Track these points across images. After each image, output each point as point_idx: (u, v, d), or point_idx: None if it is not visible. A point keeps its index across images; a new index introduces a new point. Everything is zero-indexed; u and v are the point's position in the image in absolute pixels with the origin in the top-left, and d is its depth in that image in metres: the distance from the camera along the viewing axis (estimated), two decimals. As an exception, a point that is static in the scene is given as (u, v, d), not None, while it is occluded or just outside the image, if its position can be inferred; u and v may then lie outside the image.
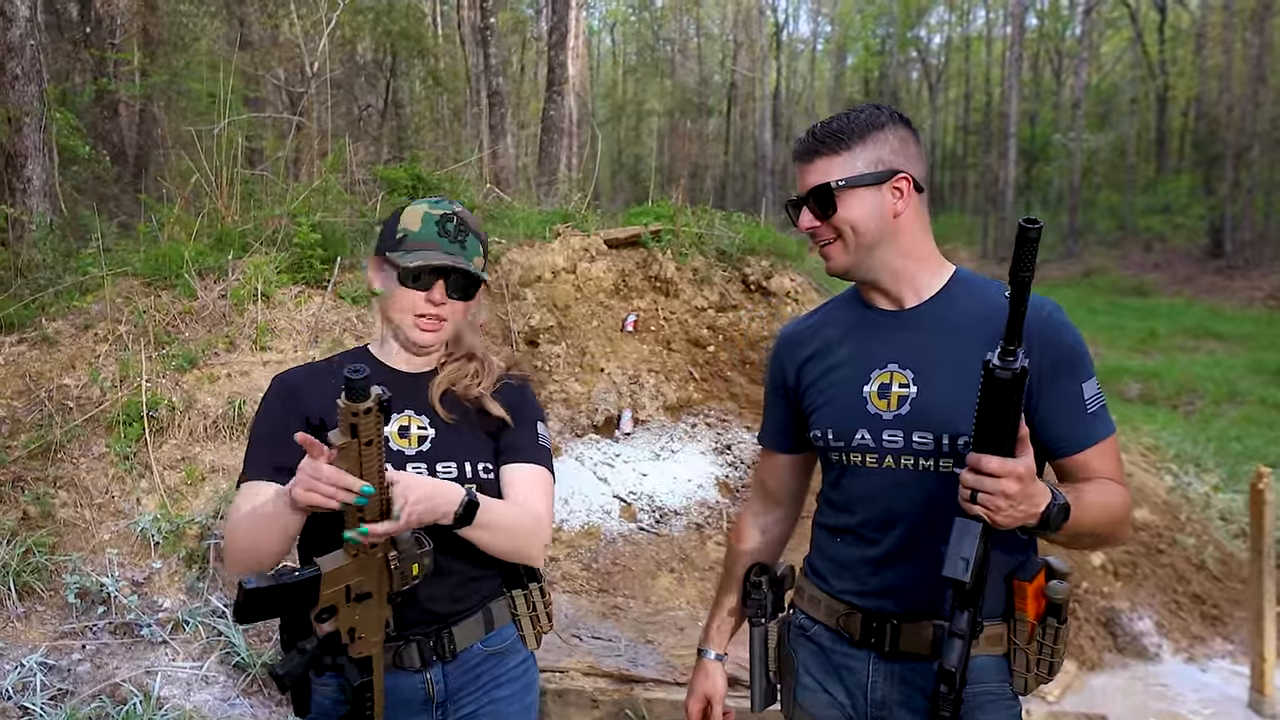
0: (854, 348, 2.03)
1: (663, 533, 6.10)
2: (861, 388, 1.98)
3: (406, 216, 2.07)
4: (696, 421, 7.21)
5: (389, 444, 2.00)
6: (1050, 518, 1.67)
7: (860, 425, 1.97)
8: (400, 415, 2.08)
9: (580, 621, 5.22)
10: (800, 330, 2.18)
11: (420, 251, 2.00)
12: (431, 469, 2.05)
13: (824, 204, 1.91)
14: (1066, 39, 43.69)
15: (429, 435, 2.08)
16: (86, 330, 6.17)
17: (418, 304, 2.02)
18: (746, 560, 2.32)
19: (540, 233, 7.86)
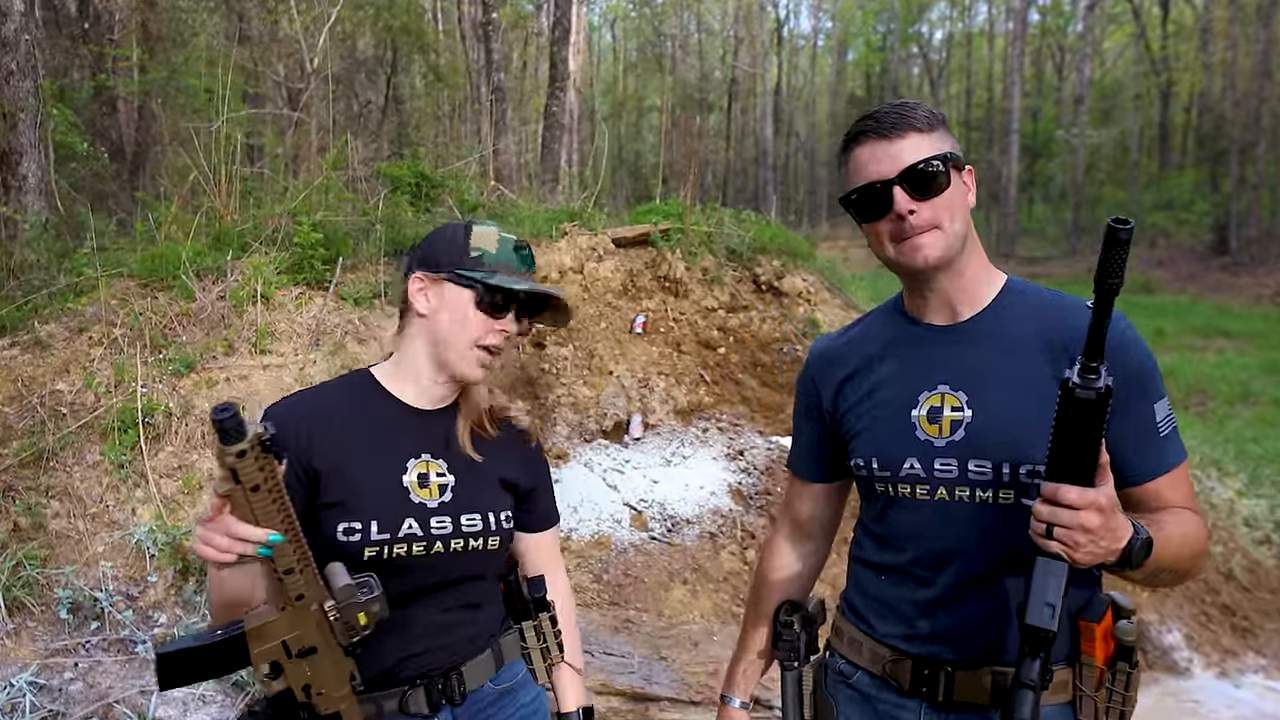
0: (898, 366, 1.85)
1: (675, 542, 5.92)
2: (909, 412, 1.79)
3: (479, 237, 1.86)
4: (708, 426, 7.03)
5: (409, 496, 1.84)
6: (1132, 553, 1.49)
7: (909, 453, 1.78)
8: (418, 461, 1.88)
9: (592, 637, 5.04)
10: (837, 346, 1.99)
11: (509, 276, 1.82)
12: (456, 522, 1.87)
13: (924, 183, 1.69)
14: (1069, 34, 43.54)
15: (449, 483, 1.89)
16: (80, 333, 5.98)
17: (488, 331, 1.83)
18: (776, 597, 2.13)
19: (546, 232, 7.67)
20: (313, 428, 1.83)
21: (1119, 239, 1.25)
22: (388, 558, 1.80)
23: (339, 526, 1.79)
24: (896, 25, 47.49)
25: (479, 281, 1.81)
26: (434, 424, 1.92)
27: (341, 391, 1.95)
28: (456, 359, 1.84)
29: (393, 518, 1.81)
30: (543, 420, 6.79)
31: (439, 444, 1.91)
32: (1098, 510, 1.41)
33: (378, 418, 1.89)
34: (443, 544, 1.85)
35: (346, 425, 1.86)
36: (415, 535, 1.82)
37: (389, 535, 1.80)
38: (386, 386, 1.93)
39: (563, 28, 17.42)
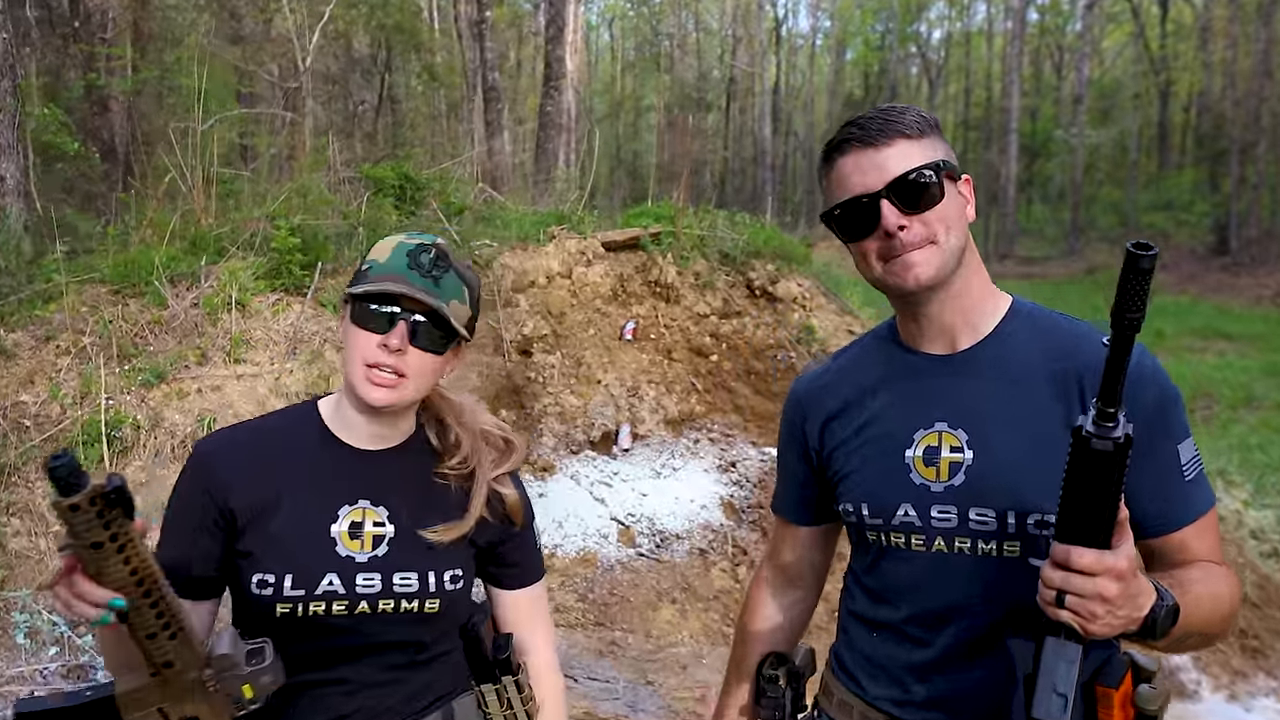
0: (891, 401, 1.65)
1: (664, 559, 5.71)
2: (903, 452, 1.59)
3: (377, 247, 1.64)
4: (699, 436, 6.81)
5: (336, 548, 1.62)
6: (1156, 622, 1.29)
7: (902, 499, 1.58)
8: (353, 508, 1.66)
9: (575, 660, 4.84)
10: (823, 377, 1.79)
11: (381, 282, 1.57)
12: (387, 581, 1.64)
13: (914, 194, 1.50)
14: (1067, 34, 43.37)
15: (386, 534, 1.66)
16: (48, 341, 5.77)
17: (369, 349, 1.57)
18: (760, 648, 1.92)
19: (534, 235, 7.46)
20: (236, 466, 1.63)
21: (1140, 268, 1.07)
22: (303, 616, 1.60)
23: (252, 578, 1.60)
24: (895, 24, 47.28)
25: (349, 295, 1.61)
26: (379, 466, 1.70)
27: (280, 426, 1.74)
28: (354, 383, 1.61)
29: (311, 572, 1.60)
30: (528, 431, 6.58)
31: (382, 488, 1.68)
32: (1116, 576, 1.21)
33: (314, 457, 1.68)
34: (368, 604, 1.63)
35: (277, 465, 1.66)
36: (335, 593, 1.61)
37: (304, 591, 1.59)
38: (328, 423, 1.71)
39: (557, 26, 17.26)
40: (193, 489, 1.63)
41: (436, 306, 1.56)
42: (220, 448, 1.67)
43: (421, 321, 1.58)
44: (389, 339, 1.56)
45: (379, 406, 1.60)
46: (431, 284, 1.58)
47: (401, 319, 1.56)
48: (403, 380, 1.58)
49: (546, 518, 5.94)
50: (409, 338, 1.56)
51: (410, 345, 1.57)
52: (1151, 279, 1.07)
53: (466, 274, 1.67)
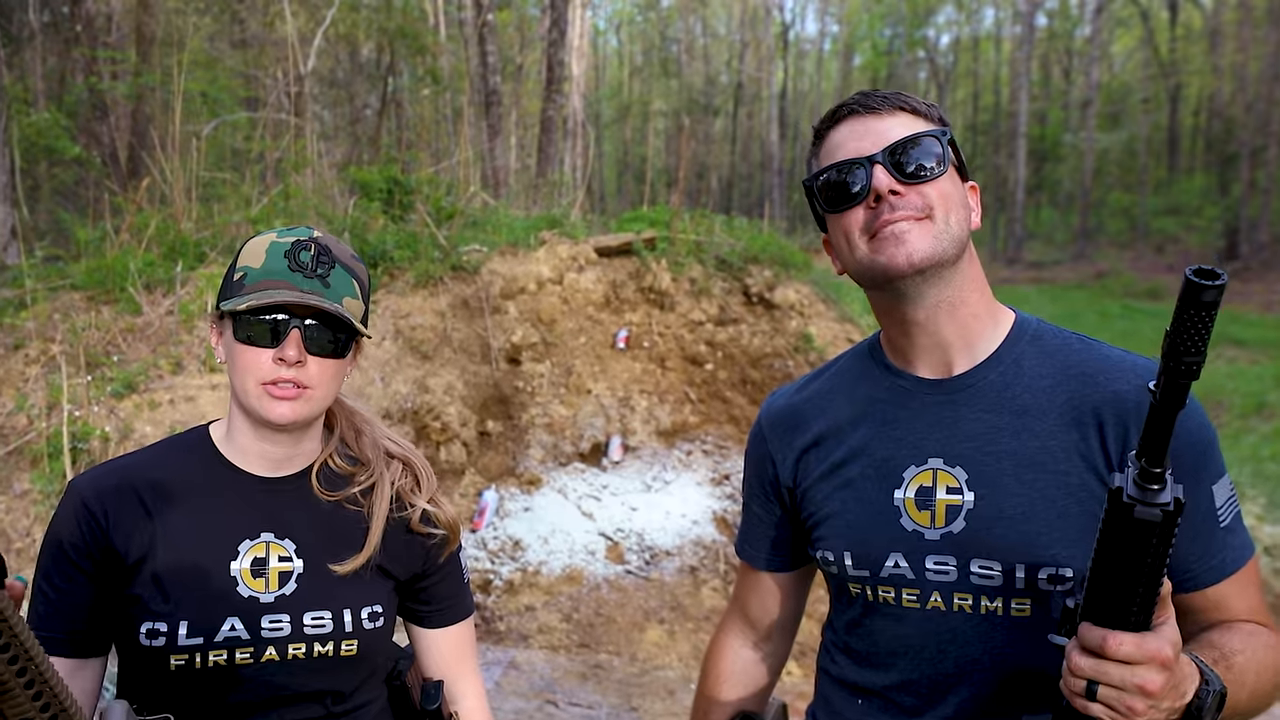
0: (877, 432, 1.40)
1: (653, 576, 5.49)
2: (891, 493, 1.35)
3: (247, 251, 1.43)
4: (692, 448, 6.59)
5: (237, 588, 1.41)
6: (1202, 711, 1.06)
7: (892, 548, 1.35)
8: (255, 542, 1.45)
9: (557, 684, 4.62)
10: (797, 403, 1.53)
11: (260, 292, 1.37)
12: (297, 622, 1.44)
13: (915, 163, 1.30)
14: (1076, 38, 43.11)
15: (295, 570, 1.46)
16: (16, 350, 5.59)
17: (265, 367, 1.37)
18: (726, 709, 1.67)
19: (525, 239, 7.26)
20: (119, 502, 1.42)
21: (1203, 301, 0.81)
22: (202, 667, 1.39)
23: (142, 627, 1.38)
24: (903, 29, 47.09)
25: (226, 311, 1.39)
26: (282, 494, 1.49)
27: (168, 456, 1.51)
28: (254, 404, 1.40)
29: (210, 616, 1.40)
30: (516, 442, 6.37)
31: (286, 519, 1.48)
32: (1161, 665, 1.00)
33: (208, 488, 1.47)
34: (276, 650, 1.43)
35: (167, 498, 1.44)
36: (239, 639, 1.40)
37: (202, 639, 1.38)
38: (221, 449, 1.50)
39: (559, 29, 17.08)
40: (71, 530, 1.41)
41: (331, 309, 1.37)
42: (101, 483, 1.45)
43: (315, 326, 1.39)
44: (284, 351, 1.37)
45: (285, 423, 1.41)
46: (319, 284, 1.40)
47: (294, 327, 1.37)
48: (306, 391, 1.40)
49: (532, 533, 5.74)
50: (304, 346, 1.38)
51: (307, 354, 1.39)
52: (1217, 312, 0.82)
53: (353, 265, 1.47)
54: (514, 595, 5.26)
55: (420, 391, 6.18)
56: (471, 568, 5.44)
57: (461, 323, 6.69)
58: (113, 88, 12.55)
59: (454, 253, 6.90)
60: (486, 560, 5.50)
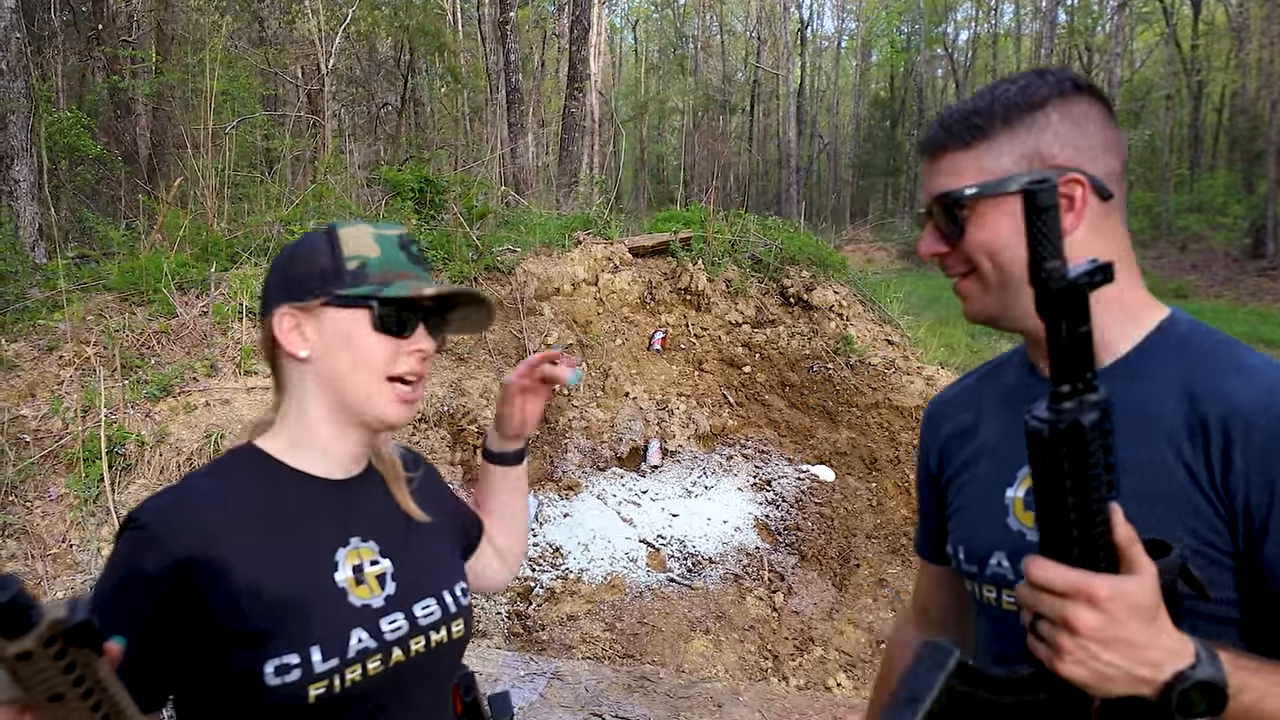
0: (1003, 429, 1.37)
1: (696, 585, 5.38)
2: (1003, 491, 1.31)
3: (352, 241, 1.35)
4: (732, 452, 6.47)
5: (348, 599, 1.32)
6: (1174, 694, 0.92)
7: (996, 545, 1.30)
8: (348, 550, 1.36)
9: (603, 696, 4.51)
10: (952, 396, 1.55)
11: (402, 282, 1.31)
12: (412, 619, 1.37)
13: (949, 221, 1.28)
14: (1097, 34, 42.80)
15: (387, 570, 1.38)
16: (50, 352, 5.51)
17: (399, 358, 1.33)
18: None
19: (559, 240, 7.15)
20: (198, 531, 1.27)
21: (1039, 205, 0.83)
22: (341, 690, 1.28)
23: (267, 667, 1.24)
24: (921, 26, 46.83)
25: (371, 297, 1.31)
26: (352, 495, 1.42)
27: (231, 480, 1.37)
28: (368, 401, 1.34)
29: (337, 635, 1.29)
30: (553, 447, 6.27)
31: (363, 520, 1.41)
32: (1089, 602, 0.90)
33: (286, 501, 1.36)
34: (401, 649, 1.35)
35: (247, 519, 1.31)
36: (368, 649, 1.31)
37: (338, 660, 1.28)
38: (286, 460, 1.38)
39: (581, 27, 16.97)
40: (146, 567, 1.25)
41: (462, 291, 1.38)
42: (173, 511, 1.30)
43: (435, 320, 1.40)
44: (421, 343, 1.35)
45: (400, 424, 1.38)
46: (429, 274, 1.41)
47: (422, 320, 1.37)
48: (420, 388, 1.39)
49: (572, 539, 5.63)
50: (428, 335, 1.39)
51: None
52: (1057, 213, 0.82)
53: None
54: (555, 604, 5.16)
55: (456, 394, 6.08)
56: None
57: (496, 324, 6.59)
58: (134, 87, 12.51)
59: (488, 253, 6.79)
60: (527, 567, 5.40)
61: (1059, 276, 0.82)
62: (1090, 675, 0.93)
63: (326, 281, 1.33)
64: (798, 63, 47.45)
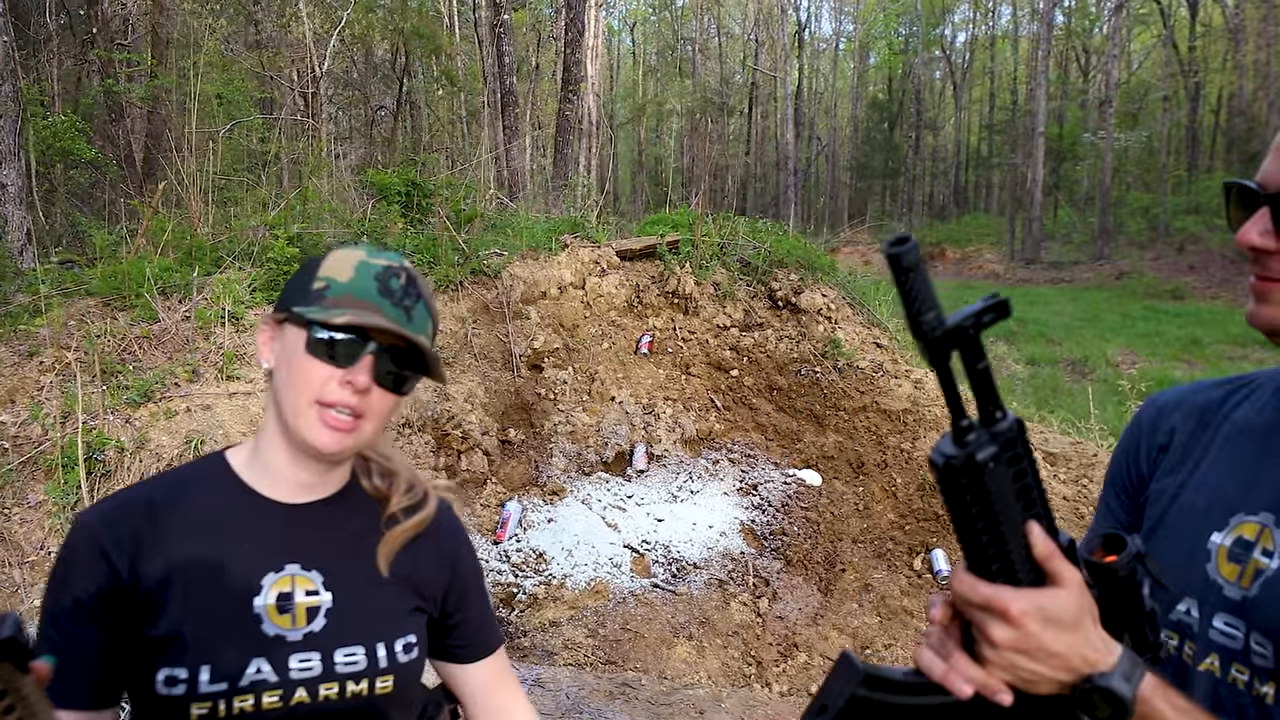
0: (1231, 463, 1.23)
1: (680, 591, 5.34)
2: (1209, 534, 1.20)
3: (333, 264, 1.34)
4: (719, 457, 6.44)
5: (261, 626, 1.30)
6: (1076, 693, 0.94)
7: (1187, 589, 1.20)
8: (280, 575, 1.33)
9: (584, 703, 4.48)
10: (1188, 402, 1.35)
11: (347, 309, 1.28)
12: (328, 661, 1.33)
13: None
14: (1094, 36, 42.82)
15: (324, 605, 1.35)
16: (31, 358, 5.47)
17: (327, 386, 1.29)
18: None
19: (546, 243, 7.12)
20: (131, 538, 1.29)
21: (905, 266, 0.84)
22: (226, 715, 1.27)
23: (159, 675, 1.26)
24: (919, 28, 46.86)
25: (310, 319, 1.28)
26: (308, 522, 1.38)
27: (183, 485, 1.39)
28: (295, 421, 1.30)
29: (232, 659, 1.28)
30: (539, 451, 6.23)
31: (313, 549, 1.37)
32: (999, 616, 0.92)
33: (228, 518, 1.35)
34: (307, 691, 1.31)
35: (183, 531, 1.32)
36: (265, 681, 1.29)
37: (226, 685, 1.27)
38: (241, 475, 1.38)
39: (576, 29, 16.97)
40: (80, 571, 1.29)
41: (418, 342, 1.31)
42: (111, 517, 1.32)
43: (388, 357, 1.32)
44: (354, 375, 1.29)
45: (329, 454, 1.32)
46: (403, 315, 1.33)
47: (370, 353, 1.30)
48: (359, 423, 1.32)
49: (556, 545, 5.60)
50: (373, 375, 1.30)
51: (374, 383, 1.31)
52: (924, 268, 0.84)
53: (432, 302, 1.40)
54: (538, 610, 5.12)
55: (440, 399, 6.05)
56: (494, 581, 5.31)
57: (482, 328, 6.55)
58: (129, 90, 12.49)
59: (474, 257, 6.76)
60: (510, 574, 5.37)
61: (935, 326, 0.82)
62: (1014, 680, 0.94)
63: (293, 298, 1.32)
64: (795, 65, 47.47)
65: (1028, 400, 10.88)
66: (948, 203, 48.82)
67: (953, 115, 50.31)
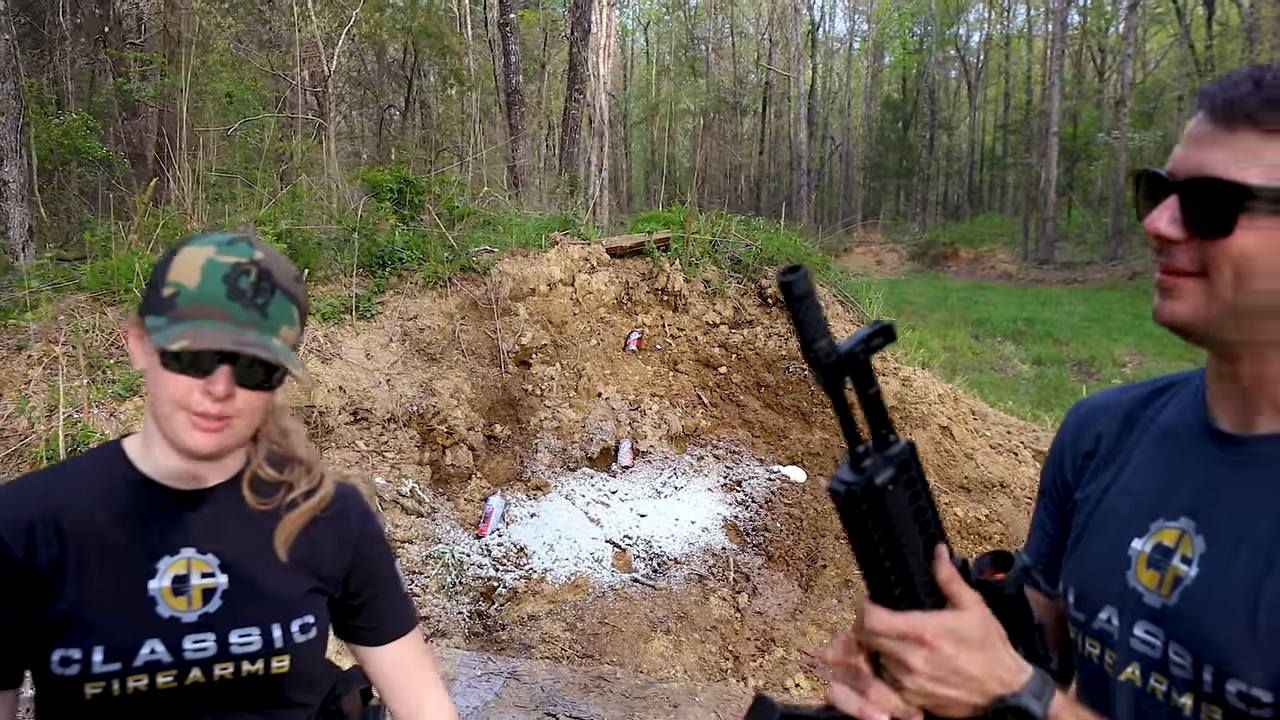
0: (1153, 467, 1.23)
1: (660, 585, 5.36)
2: (1130, 540, 1.18)
3: (180, 264, 1.31)
4: (704, 453, 6.45)
5: (156, 608, 1.33)
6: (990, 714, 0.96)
7: (1109, 598, 1.19)
8: (175, 559, 1.36)
9: (558, 696, 4.51)
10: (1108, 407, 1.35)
11: (192, 322, 1.27)
12: (223, 641, 1.36)
13: (1210, 211, 1.04)
14: (1110, 35, 42.59)
15: (219, 586, 1.38)
16: (19, 352, 5.53)
17: (192, 396, 1.29)
18: None
19: (536, 240, 7.14)
20: (25, 524, 1.32)
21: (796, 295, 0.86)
22: (120, 694, 1.30)
23: (53, 656, 1.29)
24: (933, 27, 46.68)
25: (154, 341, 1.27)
26: (204, 507, 1.41)
27: (79, 474, 1.42)
28: (167, 425, 1.31)
29: (126, 640, 1.31)
30: (524, 447, 6.26)
31: (208, 533, 1.40)
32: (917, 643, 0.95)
33: (123, 505, 1.38)
34: (201, 671, 1.35)
35: (78, 518, 1.35)
36: (159, 662, 1.32)
37: (119, 665, 1.30)
38: (136, 462, 1.41)
39: (582, 28, 17.02)
40: None
41: (267, 353, 1.29)
42: (4, 505, 1.35)
43: (246, 361, 1.31)
44: (212, 385, 1.29)
45: (204, 454, 1.34)
46: (257, 314, 1.32)
47: (225, 363, 1.29)
48: (229, 422, 1.33)
49: (538, 539, 5.62)
50: (234, 379, 1.31)
51: (237, 387, 1.31)
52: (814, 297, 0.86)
53: (293, 289, 1.38)
54: (517, 604, 5.15)
55: (427, 394, 6.08)
56: (475, 575, 5.34)
57: (470, 324, 6.59)
58: (141, 89, 12.59)
59: (463, 253, 6.80)
60: (490, 568, 5.39)
61: (828, 353, 0.84)
62: (932, 706, 0.97)
63: (149, 305, 1.32)
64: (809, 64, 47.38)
65: (1027, 399, 10.85)
66: (962, 202, 48.64)
67: (967, 115, 50.10)
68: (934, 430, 6.60)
